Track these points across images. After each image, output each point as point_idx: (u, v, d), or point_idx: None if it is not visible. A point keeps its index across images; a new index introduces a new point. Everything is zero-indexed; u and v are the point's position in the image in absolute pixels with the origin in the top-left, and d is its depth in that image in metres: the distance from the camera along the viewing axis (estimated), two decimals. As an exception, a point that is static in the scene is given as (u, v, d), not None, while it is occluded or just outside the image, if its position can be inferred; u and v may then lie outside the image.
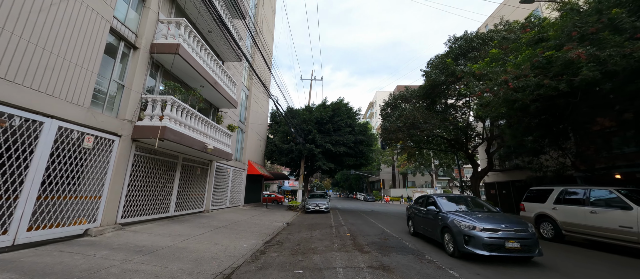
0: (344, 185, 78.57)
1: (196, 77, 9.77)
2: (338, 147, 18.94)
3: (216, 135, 11.01)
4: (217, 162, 13.33)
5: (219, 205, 13.80)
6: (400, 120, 14.13)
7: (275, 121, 23.44)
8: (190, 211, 10.96)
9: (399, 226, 11.13)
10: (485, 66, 8.62)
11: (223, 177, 14.29)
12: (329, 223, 11.71)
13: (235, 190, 16.27)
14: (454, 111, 16.97)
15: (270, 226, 10.02)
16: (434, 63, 14.75)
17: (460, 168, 19.17)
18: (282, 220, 12.36)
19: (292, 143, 18.93)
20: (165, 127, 7.42)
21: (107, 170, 6.70)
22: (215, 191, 13.29)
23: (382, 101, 18.55)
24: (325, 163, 18.77)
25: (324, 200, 17.86)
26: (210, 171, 12.58)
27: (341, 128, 19.42)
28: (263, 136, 22.98)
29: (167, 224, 8.27)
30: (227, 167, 14.76)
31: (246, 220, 11.25)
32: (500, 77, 7.39)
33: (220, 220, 10.39)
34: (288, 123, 14.46)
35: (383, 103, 18.62)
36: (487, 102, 8.42)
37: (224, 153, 11.51)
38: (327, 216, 14.94)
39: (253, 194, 20.17)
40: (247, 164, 18.03)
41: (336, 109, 19.18)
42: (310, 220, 13.30)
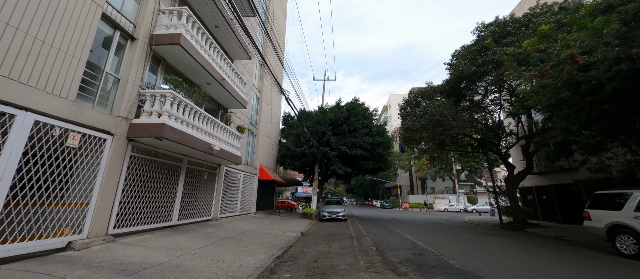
0: (358, 192, 76.36)
1: (201, 72, 8.99)
2: (354, 150, 17.66)
3: (223, 136, 10.14)
4: (226, 166, 12.47)
5: (229, 212, 12.87)
6: (424, 117, 12.70)
7: (288, 124, 22.59)
8: (196, 220, 10.05)
9: (431, 238, 9.62)
10: (536, 42, 7.18)
11: (233, 183, 13.40)
12: (348, 233, 10.40)
13: (246, 197, 15.34)
14: (480, 109, 15.25)
15: (282, 237, 8.87)
16: (461, 53, 13.28)
17: (492, 171, 17.24)
18: (296, 229, 11.19)
19: (306, 146, 17.88)
20: (164, 124, 6.56)
21: (97, 173, 5.87)
22: (224, 197, 12.39)
23: (402, 99, 17.15)
24: (341, 167, 17.53)
25: (340, 207, 16.54)
26: (218, 176, 11.71)
27: (357, 129, 18.17)
28: (275, 140, 22.14)
29: (167, 234, 7.34)
30: (237, 172, 13.88)
31: (257, 229, 10.18)
32: (562, 52, 5.95)
33: (227, 229, 9.39)
34: (301, 123, 13.44)
35: (402, 101, 17.21)
36: (539, 88, 6.94)
37: (232, 156, 10.60)
38: (345, 225, 13.60)
39: (265, 201, 19.20)
40: (258, 169, 17.13)
41: (351, 109, 17.99)
42: (327, 229, 12.03)
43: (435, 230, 12.60)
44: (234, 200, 13.46)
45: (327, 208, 16.52)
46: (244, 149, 14.84)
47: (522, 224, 14.26)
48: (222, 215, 12.11)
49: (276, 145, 22.31)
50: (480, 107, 15.22)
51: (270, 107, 20.35)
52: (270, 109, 20.40)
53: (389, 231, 11.19)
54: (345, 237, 9.45)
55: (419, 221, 17.33)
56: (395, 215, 26.21)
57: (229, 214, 12.85)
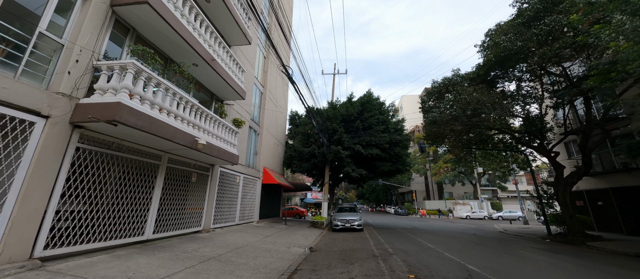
0: (370, 197, 73.29)
1: (185, 49, 7.27)
2: (370, 149, 15.53)
3: (215, 129, 8.34)
4: (221, 167, 10.65)
5: (224, 221, 10.98)
6: (456, 106, 10.49)
7: (295, 124, 20.75)
8: (180, 232, 8.19)
9: (479, 257, 7.36)
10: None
11: (230, 187, 11.55)
12: (369, 250, 8.26)
13: (247, 203, 13.45)
14: (515, 100, 12.78)
15: (286, 255, 6.85)
16: (499, 30, 11.02)
17: (533, 173, 14.64)
18: (304, 242, 9.15)
19: (314, 146, 15.91)
20: (120, 103, 4.78)
21: (16, 171, 4.11)
22: (219, 204, 10.53)
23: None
24: (355, 169, 15.41)
25: (355, 215, 14.36)
26: (211, 179, 9.89)
27: (372, 126, 16.06)
28: (281, 141, 20.31)
29: (130, 255, 5.48)
30: (236, 174, 12.04)
31: (255, 243, 8.22)
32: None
33: (217, 244, 7.46)
34: (310, 116, 11.48)
35: (424, 93, 14.98)
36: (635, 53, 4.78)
37: (226, 154, 8.77)
38: (362, 237, 11.42)
39: (270, 207, 17.27)
40: (262, 172, 15.28)
41: (365, 103, 15.94)
42: (341, 242, 9.92)
43: (476, 243, 10.24)
44: (231, 207, 11.58)
45: (339, 216, 14.38)
46: (244, 148, 13.04)
47: (580, 236, 11.62)
48: (216, 225, 10.23)
49: (282, 146, 20.48)
50: (515, 98, 12.82)
51: (276, 104, 18.60)
52: (276, 107, 18.65)
53: (420, 246, 8.95)
54: (367, 255, 7.32)
55: (448, 232, 14.87)
56: (414, 222, 23.65)
57: (225, 223, 10.96)
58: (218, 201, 10.43)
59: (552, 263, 6.96)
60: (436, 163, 46.69)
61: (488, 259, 7.15)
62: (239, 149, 12.12)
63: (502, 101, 10.55)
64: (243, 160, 12.90)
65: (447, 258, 6.98)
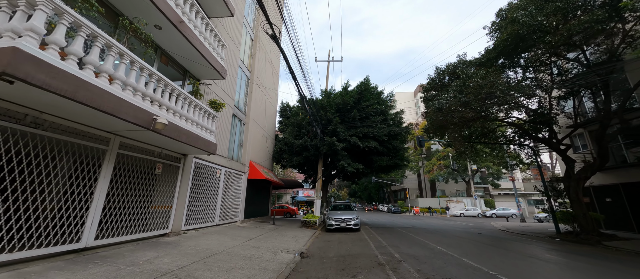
0: (362, 195, 72.61)
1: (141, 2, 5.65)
2: (367, 142, 14.21)
3: (185, 109, 6.77)
4: (197, 158, 9.05)
5: (201, 222, 9.39)
6: (468, 90, 9.25)
7: (286, 116, 19.20)
8: (139, 237, 6.59)
9: (499, 262, 6.14)
10: None
11: (208, 181, 9.96)
12: (372, 255, 6.92)
13: (230, 200, 11.88)
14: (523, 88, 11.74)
15: (269, 265, 5.40)
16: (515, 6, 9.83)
17: (540, 168, 13.72)
18: (294, 246, 7.71)
19: (307, 137, 14.45)
20: (17, 49, 3.20)
21: None
22: (194, 201, 8.94)
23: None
24: (351, 164, 14.06)
25: (351, 214, 13.04)
26: (183, 171, 8.28)
27: (369, 116, 14.73)
28: (271, 134, 18.74)
29: (45, 272, 3.89)
30: (215, 167, 10.45)
31: (234, 249, 6.71)
32: None
33: (184, 252, 5.92)
34: (302, 98, 9.97)
35: (427, 81, 13.80)
36: None
37: (199, 140, 7.20)
38: (361, 238, 10.10)
39: (257, 206, 15.72)
40: (248, 166, 13.70)
41: (363, 91, 14.57)
42: (338, 245, 8.54)
43: (489, 245, 9.10)
44: (209, 205, 10.00)
45: (334, 214, 13.02)
46: (226, 138, 11.44)
47: (595, 235, 10.71)
48: (189, 227, 8.64)
49: (272, 139, 18.91)
50: (523, 87, 11.77)
51: (265, 93, 17.00)
52: (264, 96, 17.05)
53: (430, 250, 7.68)
54: (371, 263, 5.96)
55: (451, 231, 13.77)
56: (410, 221, 22.63)
57: (201, 224, 9.38)
58: (192, 199, 8.83)
59: (590, 269, 5.81)
60: (430, 160, 46.18)
61: (508, 264, 5.94)
62: (219, 138, 10.54)
63: (517, 85, 9.39)
64: (224, 151, 11.31)
65: (469, 266, 5.71)
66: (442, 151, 43.12)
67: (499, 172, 42.00)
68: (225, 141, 11.40)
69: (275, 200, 41.95)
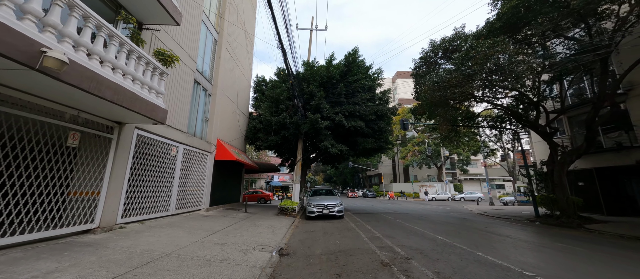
0: (337, 180, 73.05)
1: None
2: (353, 121, 12.82)
3: (107, 52, 4.58)
4: (141, 129, 6.85)
5: (147, 212, 7.35)
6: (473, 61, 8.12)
7: (261, 92, 16.98)
8: (41, 236, 4.49)
9: (523, 253, 5.23)
10: None
11: (158, 160, 7.83)
12: (368, 250, 5.64)
13: (192, 185, 9.84)
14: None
15: (236, 273, 3.78)
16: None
17: (524, 152, 13.62)
18: (270, 240, 6.14)
19: (286, 114, 12.61)
20: None
21: None
22: (136, 186, 6.84)
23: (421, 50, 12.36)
24: (335, 145, 12.63)
25: (333, 199, 11.76)
26: (118, 145, 6.10)
27: (357, 92, 13.26)
28: (244, 110, 16.50)
29: None
30: (170, 143, 8.28)
31: (189, 248, 4.94)
32: None
33: (105, 260, 4.03)
34: (285, 57, 8.02)
35: (420, 55, 12.60)
36: None
37: (137, 101, 5.11)
38: (348, 227, 8.87)
39: (227, 191, 13.77)
40: (214, 144, 11.58)
41: (351, 63, 12.94)
42: (323, 237, 7.17)
43: (484, 231, 8.44)
44: (161, 190, 7.91)
45: (315, 200, 11.64)
46: (185, 108, 9.21)
47: (575, 219, 10.73)
48: (130, 219, 6.59)
49: (245, 117, 16.70)
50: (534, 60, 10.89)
51: (236, 61, 14.58)
52: (236, 65, 14.64)
53: (433, 242, 6.63)
54: (371, 262, 4.65)
55: (434, 216, 13.28)
56: (388, 205, 22.33)
57: (149, 215, 7.33)
58: (134, 182, 6.72)
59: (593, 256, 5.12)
60: (405, 146, 46.97)
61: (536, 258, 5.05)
62: (174, 106, 8.33)
63: (527, 51, 8.44)
64: (183, 124, 9.10)
65: (493, 264, 4.64)
66: (418, 137, 43.92)
67: (468, 158, 44.14)
68: (184, 113, 9.17)
69: (248, 185, 39.67)
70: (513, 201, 25.83)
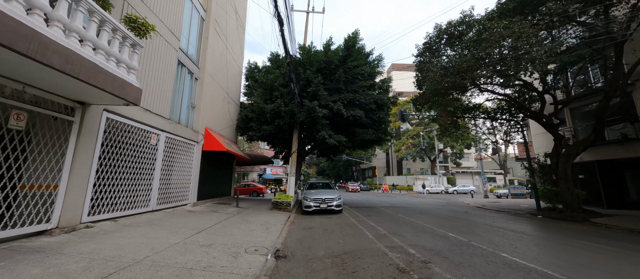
0: (331, 174, 72.68)
1: None
2: (352, 110, 12.04)
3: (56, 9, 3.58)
4: (111, 111, 5.84)
5: (123, 208, 6.42)
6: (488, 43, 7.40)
7: (254, 79, 15.91)
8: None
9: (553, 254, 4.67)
10: None
11: (135, 149, 6.85)
12: (378, 252, 4.96)
13: (176, 178, 8.90)
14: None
15: None
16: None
17: (526, 143, 13.25)
18: (264, 239, 5.37)
19: (280, 101, 11.68)
20: None
21: None
22: (107, 178, 5.88)
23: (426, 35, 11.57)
24: (333, 136, 11.85)
25: (331, 193, 11.06)
26: (81, 130, 5.11)
27: (356, 79, 12.43)
28: (234, 98, 15.44)
29: None
30: (148, 130, 7.29)
31: (165, 254, 4.11)
32: None
33: (54, 272, 3.16)
34: (281, 28, 7.05)
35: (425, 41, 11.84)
36: None
37: (101, 76, 4.16)
38: (348, 223, 8.20)
39: (216, 184, 12.85)
40: (202, 134, 10.60)
41: (351, 48, 12.03)
42: (323, 235, 6.46)
43: (496, 228, 7.96)
44: (138, 183, 6.97)
45: (312, 194, 10.90)
46: (167, 92, 8.18)
47: (580, 212, 10.43)
48: (100, 217, 5.65)
49: (236, 105, 15.65)
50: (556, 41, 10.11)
51: (226, 44, 13.44)
52: (226, 49, 13.51)
53: (443, 239, 6.03)
54: (385, 267, 3.97)
55: (435, 209, 12.83)
56: (384, 198, 21.91)
57: (124, 212, 6.40)
58: (104, 173, 5.76)
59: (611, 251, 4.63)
60: (399, 139, 46.77)
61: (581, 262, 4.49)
62: (153, 87, 7.32)
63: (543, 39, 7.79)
64: (165, 109, 8.09)
65: (524, 268, 4.02)
66: (412, 130, 43.74)
67: (461, 152, 44.36)
68: (166, 97, 8.14)
69: (240, 178, 38.64)
70: (507, 194, 25.94)
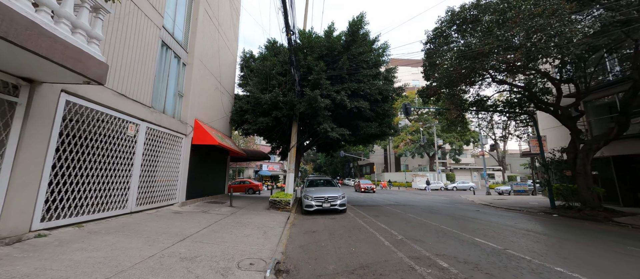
0: (328, 170, 71.93)
1: None
2: (356, 101, 11.09)
3: None
4: (70, 92, 4.77)
5: (92, 210, 5.38)
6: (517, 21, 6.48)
7: (249, 68, 14.81)
8: None
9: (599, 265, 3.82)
10: None
11: (109, 141, 5.79)
12: (402, 265, 4.07)
13: (161, 174, 7.86)
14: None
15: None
16: None
17: (540, 138, 12.48)
18: (261, 247, 4.43)
19: (278, 90, 10.65)
20: None
21: None
22: (70, 174, 4.84)
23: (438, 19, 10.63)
24: (335, 129, 10.89)
25: (334, 191, 10.15)
26: (31, 113, 4.06)
27: (361, 68, 11.45)
28: (228, 89, 14.35)
29: None
30: (124, 118, 6.23)
31: (133, 273, 3.12)
32: None
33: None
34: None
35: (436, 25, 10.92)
36: None
37: (44, 40, 3.09)
38: (356, 226, 7.30)
39: (208, 181, 11.83)
40: (191, 125, 9.55)
41: (355, 32, 11.01)
42: (330, 240, 5.55)
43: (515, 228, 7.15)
44: (113, 180, 5.93)
45: (313, 192, 9.97)
46: (147, 76, 7.10)
47: (601, 211, 9.73)
48: (58, 223, 4.62)
49: (229, 96, 14.57)
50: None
51: (218, 28, 12.31)
52: (218, 33, 12.38)
53: (473, 246, 5.17)
54: None
55: (444, 208, 12.07)
56: (385, 195, 21.17)
57: (93, 215, 5.36)
58: (65, 169, 4.72)
59: None
60: (398, 135, 46.12)
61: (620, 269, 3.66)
62: (126, 66, 6.24)
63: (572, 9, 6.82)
64: (146, 96, 7.02)
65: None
66: (412, 126, 43.08)
67: (461, 148, 43.89)
68: (147, 81, 7.06)
69: (235, 175, 37.52)
70: (509, 191, 25.43)
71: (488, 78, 11.70)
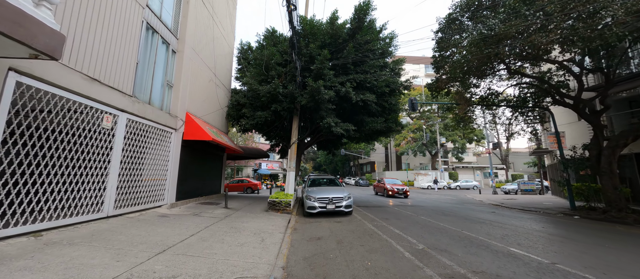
0: (327, 169, 71.13)
1: None
2: (362, 93, 10.23)
3: None
4: (22, 72, 3.90)
5: (56, 215, 4.54)
6: None
7: (247, 60, 13.93)
8: None
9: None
10: None
11: (79, 134, 4.93)
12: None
13: (147, 173, 7.00)
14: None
15: None
16: None
17: (558, 134, 11.67)
18: (258, 260, 3.60)
19: (277, 81, 9.78)
20: None
21: None
22: (23, 173, 3.98)
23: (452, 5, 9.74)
24: (340, 124, 10.03)
25: (339, 191, 9.30)
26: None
27: (367, 58, 10.58)
28: (224, 82, 13.47)
29: None
30: (99, 108, 5.35)
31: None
32: None
33: None
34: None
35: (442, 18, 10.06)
36: None
37: None
38: (366, 231, 6.48)
39: (202, 181, 10.97)
40: (182, 119, 8.68)
41: (362, 18, 10.11)
42: (336, 246, 4.74)
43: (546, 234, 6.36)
44: (85, 179, 5.07)
45: (316, 192, 9.13)
46: (128, 61, 6.23)
47: (629, 213, 8.94)
48: (7, 232, 3.76)
49: (225, 90, 13.69)
50: None
51: (213, 15, 11.41)
52: (213, 21, 11.49)
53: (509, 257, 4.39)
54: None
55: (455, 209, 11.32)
56: (389, 195, 20.30)
57: (58, 221, 4.51)
58: (16, 166, 3.86)
59: None
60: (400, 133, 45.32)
61: None
62: (98, 45, 5.35)
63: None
64: (126, 84, 6.15)
65: None
66: (414, 124, 42.29)
67: (463, 146, 43.13)
68: (127, 67, 6.18)
69: (233, 173, 36.62)
70: (516, 190, 24.68)
71: (501, 71, 10.87)
